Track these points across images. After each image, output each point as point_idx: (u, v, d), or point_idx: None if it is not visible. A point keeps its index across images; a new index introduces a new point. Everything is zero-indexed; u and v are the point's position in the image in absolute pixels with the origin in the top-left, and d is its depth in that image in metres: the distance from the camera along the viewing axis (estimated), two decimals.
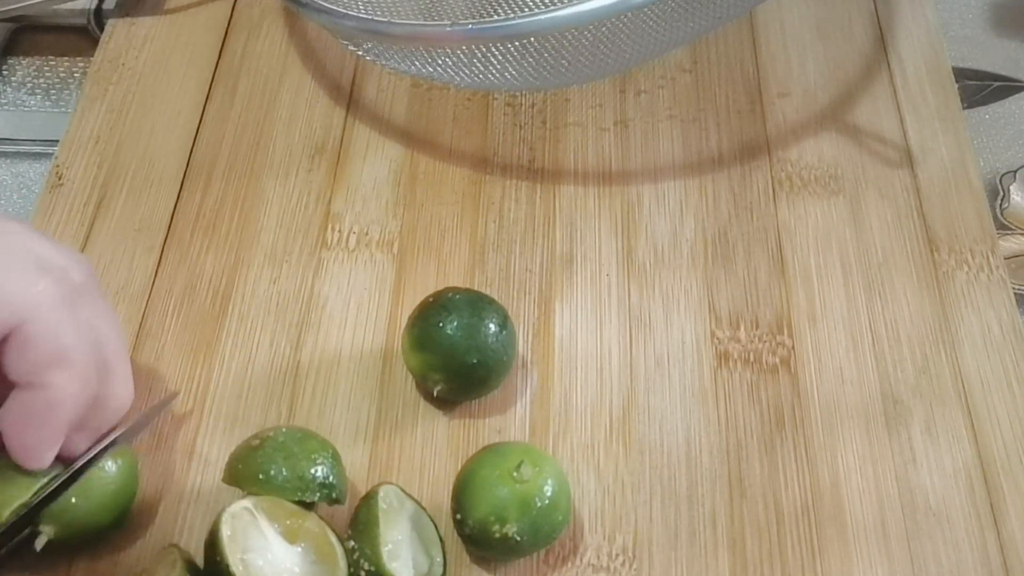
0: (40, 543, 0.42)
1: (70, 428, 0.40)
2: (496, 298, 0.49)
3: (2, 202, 0.60)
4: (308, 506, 0.43)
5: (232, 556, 0.40)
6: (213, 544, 0.40)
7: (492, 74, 0.54)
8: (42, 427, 0.40)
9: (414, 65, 0.55)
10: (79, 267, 0.41)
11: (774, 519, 0.46)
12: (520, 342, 0.51)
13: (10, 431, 0.40)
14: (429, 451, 0.48)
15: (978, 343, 0.51)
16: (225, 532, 0.40)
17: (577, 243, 0.55)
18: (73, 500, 0.42)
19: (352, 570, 0.42)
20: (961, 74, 0.64)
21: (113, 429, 0.44)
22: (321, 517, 0.43)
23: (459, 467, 0.46)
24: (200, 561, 0.42)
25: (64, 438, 0.41)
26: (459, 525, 0.44)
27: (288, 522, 0.42)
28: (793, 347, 0.51)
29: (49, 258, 0.40)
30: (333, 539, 0.43)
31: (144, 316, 0.52)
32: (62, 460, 0.42)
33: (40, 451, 0.40)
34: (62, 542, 0.43)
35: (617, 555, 0.45)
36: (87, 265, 0.42)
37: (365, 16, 0.54)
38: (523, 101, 0.61)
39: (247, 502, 0.42)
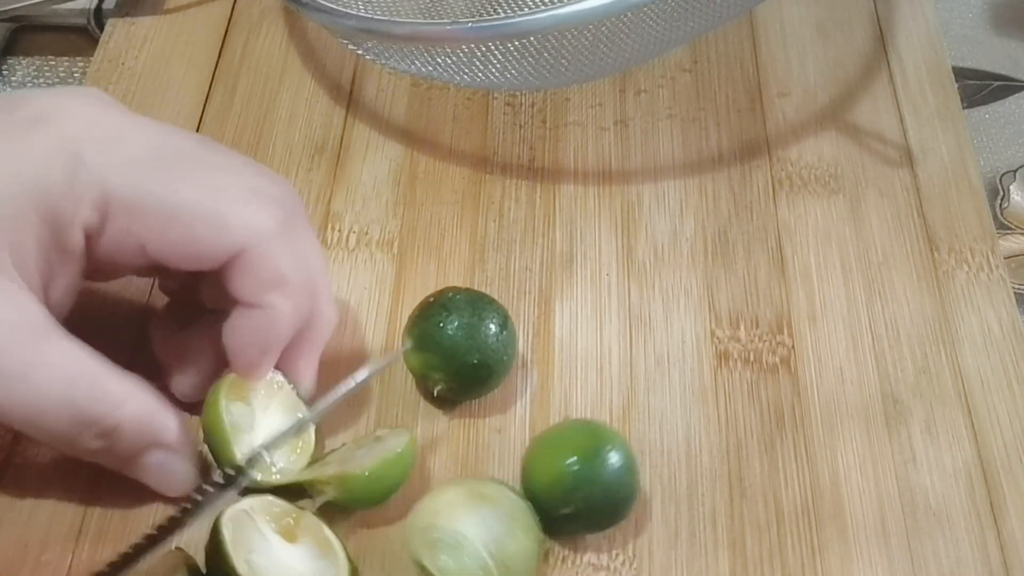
0: (318, 503, 0.44)
1: (284, 346, 0.44)
2: (496, 298, 0.49)
3: None
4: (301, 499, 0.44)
5: (236, 558, 0.40)
6: (216, 547, 0.40)
7: (492, 74, 0.54)
8: (262, 344, 0.43)
9: (414, 65, 0.55)
10: (290, 196, 0.45)
11: (774, 519, 0.46)
12: (520, 342, 0.51)
13: (236, 349, 0.43)
14: (429, 451, 0.48)
15: (978, 343, 0.51)
16: (227, 535, 0.40)
17: (577, 243, 0.55)
18: (367, 473, 0.44)
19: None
20: (961, 74, 0.64)
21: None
22: (317, 516, 0.43)
23: (459, 467, 0.46)
24: (202, 564, 0.42)
25: (279, 355, 0.45)
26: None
27: (284, 521, 0.42)
28: (793, 347, 0.51)
29: (265, 189, 0.43)
30: (329, 535, 0.43)
31: (144, 316, 0.52)
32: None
33: (260, 366, 0.44)
34: (338, 506, 0.44)
35: (617, 554, 0.45)
36: (295, 194, 0.45)
37: (365, 16, 0.54)
38: (523, 101, 0.61)
39: (244, 504, 0.42)
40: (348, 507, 0.45)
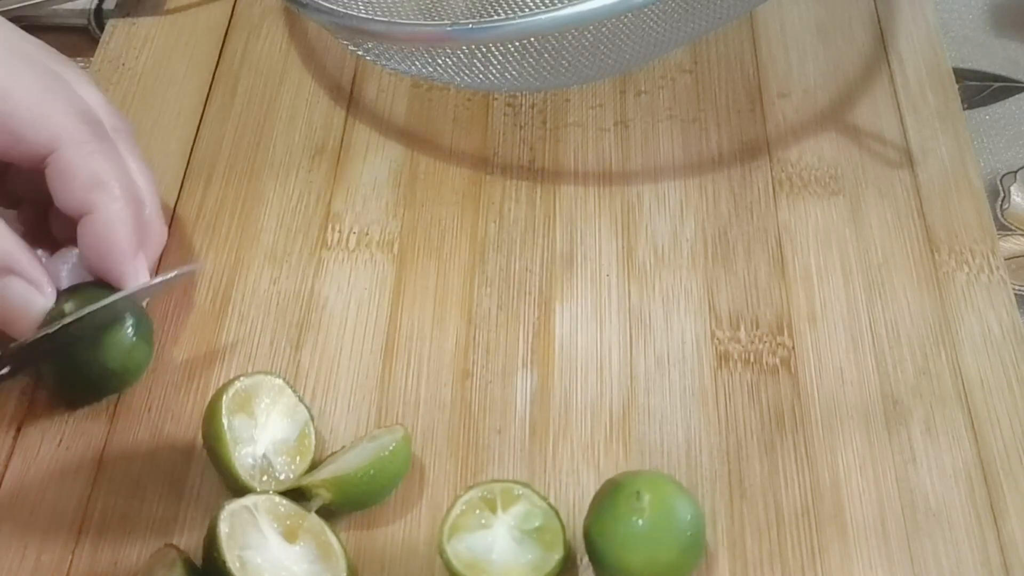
0: (314, 506, 0.44)
1: (130, 249, 0.46)
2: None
3: None
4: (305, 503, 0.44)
5: (229, 553, 0.40)
6: (211, 541, 0.40)
7: (492, 74, 0.54)
8: (110, 247, 0.46)
9: (414, 65, 0.55)
10: (117, 116, 0.48)
11: (774, 519, 0.46)
12: (520, 342, 0.51)
13: (89, 258, 0.47)
14: (429, 451, 0.48)
15: (978, 343, 0.51)
16: (223, 529, 0.40)
17: (577, 243, 0.55)
18: (359, 474, 0.44)
19: None
20: (961, 74, 0.64)
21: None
22: (321, 518, 0.43)
23: (459, 468, 0.46)
24: (199, 560, 0.42)
25: (135, 255, 0.47)
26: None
27: (288, 522, 0.42)
28: (793, 347, 0.51)
29: (91, 103, 0.47)
30: (332, 539, 0.43)
31: None
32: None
33: (122, 270, 0.46)
34: (334, 508, 0.44)
35: None
36: (125, 119, 0.49)
37: (365, 16, 0.54)
38: (523, 101, 0.61)
39: (247, 500, 0.42)
40: (344, 509, 0.45)
